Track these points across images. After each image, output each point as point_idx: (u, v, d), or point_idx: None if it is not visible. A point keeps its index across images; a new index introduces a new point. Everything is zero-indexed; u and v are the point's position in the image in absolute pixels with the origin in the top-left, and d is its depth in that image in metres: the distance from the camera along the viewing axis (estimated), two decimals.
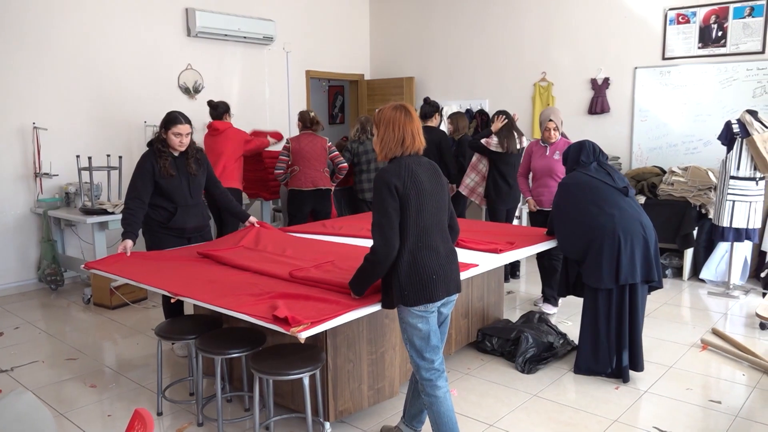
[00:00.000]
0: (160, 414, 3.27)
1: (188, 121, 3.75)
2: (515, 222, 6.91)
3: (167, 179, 3.73)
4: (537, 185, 4.96)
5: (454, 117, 6.38)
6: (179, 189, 3.78)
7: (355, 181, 5.96)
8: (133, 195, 3.69)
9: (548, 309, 4.86)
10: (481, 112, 7.73)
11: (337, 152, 5.57)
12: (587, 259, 3.59)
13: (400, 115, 2.48)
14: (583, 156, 3.78)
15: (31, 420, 1.48)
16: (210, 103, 5.62)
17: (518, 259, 3.70)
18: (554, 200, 3.86)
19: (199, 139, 6.51)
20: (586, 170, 3.73)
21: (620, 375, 3.59)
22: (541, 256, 4.85)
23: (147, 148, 3.85)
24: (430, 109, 5.92)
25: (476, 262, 3.34)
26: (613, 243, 3.49)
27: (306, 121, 5.54)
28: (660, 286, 3.67)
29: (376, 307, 2.62)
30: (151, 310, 5.11)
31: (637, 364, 3.60)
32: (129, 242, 3.57)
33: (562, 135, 4.98)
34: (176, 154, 3.79)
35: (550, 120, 4.78)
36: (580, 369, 3.71)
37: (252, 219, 4.10)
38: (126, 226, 3.64)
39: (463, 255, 3.48)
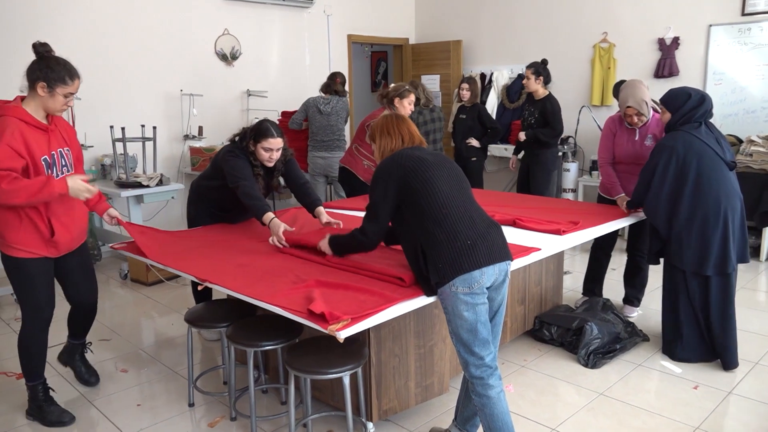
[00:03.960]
0: (191, 405, 3.05)
1: (281, 134, 3.25)
2: (569, 196, 6.47)
3: None
4: (619, 172, 3.94)
5: (472, 82, 5.88)
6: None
7: None
8: (240, 176, 3.17)
9: (630, 312, 4.11)
10: None
11: None
12: (689, 242, 3.24)
13: (390, 120, 2.52)
14: (698, 113, 3.23)
15: None
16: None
17: (584, 241, 3.29)
18: (653, 160, 3.30)
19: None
20: (697, 133, 3.22)
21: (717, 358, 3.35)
22: (597, 247, 4.17)
23: (230, 143, 3.36)
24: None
25: (537, 245, 2.96)
26: (722, 227, 3.19)
27: None
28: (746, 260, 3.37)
29: (426, 300, 2.29)
30: (187, 287, 4.92)
31: (731, 360, 3.30)
32: (275, 220, 3.04)
33: (654, 110, 3.84)
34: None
35: (628, 107, 3.71)
36: (682, 357, 3.40)
37: (323, 215, 3.34)
38: (257, 202, 3.11)
39: (522, 237, 3.12)
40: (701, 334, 3.35)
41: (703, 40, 5.98)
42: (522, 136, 5.32)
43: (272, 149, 3.23)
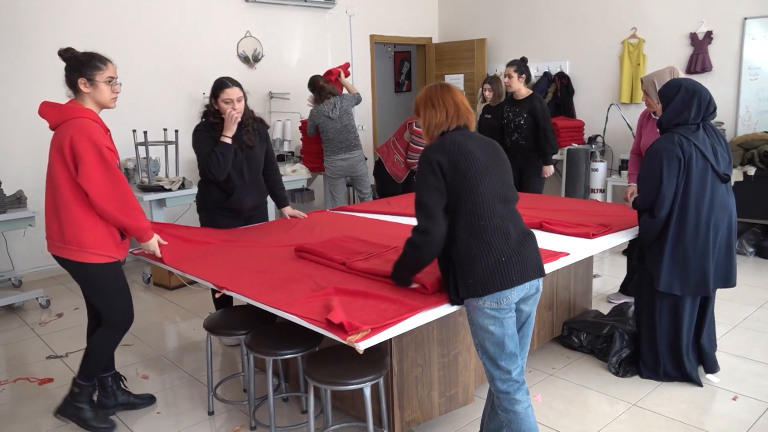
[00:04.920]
0: (211, 413, 3.00)
1: (237, 84, 3.38)
2: (598, 197, 6.30)
3: None
4: None
5: (494, 82, 5.72)
6: (234, 166, 3.42)
7: None
8: (204, 151, 3.37)
9: None
10: (561, 75, 7.05)
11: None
12: (662, 258, 3.00)
13: (436, 90, 2.27)
14: (692, 112, 2.89)
15: None
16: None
17: (614, 245, 3.15)
18: (654, 163, 2.94)
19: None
20: (694, 137, 2.89)
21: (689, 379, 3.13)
22: (631, 247, 4.04)
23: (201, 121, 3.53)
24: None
25: (566, 249, 2.84)
26: (702, 246, 2.94)
27: None
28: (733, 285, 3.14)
29: (449, 309, 2.20)
30: (209, 291, 4.90)
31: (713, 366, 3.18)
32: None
33: None
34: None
35: (642, 80, 3.71)
36: (656, 374, 3.19)
37: (288, 211, 3.77)
38: (223, 148, 3.34)
39: (549, 240, 3.00)
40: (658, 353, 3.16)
41: (738, 34, 5.76)
42: (550, 170, 5.04)
43: (232, 99, 3.33)
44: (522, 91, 4.95)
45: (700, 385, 3.08)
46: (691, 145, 2.89)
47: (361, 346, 1.92)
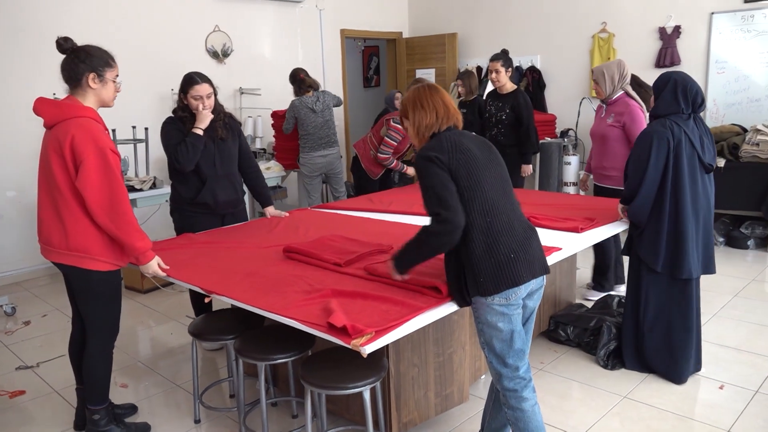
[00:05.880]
0: (197, 422, 2.90)
1: (207, 80, 3.33)
2: (570, 190, 6.35)
3: None
4: (594, 154, 4.18)
5: (465, 77, 5.72)
6: (206, 157, 3.36)
7: None
8: (173, 143, 3.30)
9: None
10: (532, 70, 7.08)
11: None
12: (654, 241, 3.02)
13: (423, 91, 2.22)
14: (683, 101, 2.92)
15: None
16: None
17: (601, 239, 3.15)
18: (643, 147, 2.95)
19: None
20: (685, 125, 2.92)
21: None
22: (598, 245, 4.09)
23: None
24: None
25: (556, 244, 2.83)
26: (691, 233, 2.96)
27: None
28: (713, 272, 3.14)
29: (452, 308, 2.15)
30: (184, 293, 4.75)
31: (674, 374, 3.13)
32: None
33: (625, 92, 3.93)
34: None
35: (593, 71, 3.95)
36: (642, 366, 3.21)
37: (271, 211, 3.66)
38: (195, 138, 3.28)
39: (539, 236, 2.98)
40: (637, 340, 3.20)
41: (705, 29, 5.88)
42: (528, 170, 4.89)
43: (201, 96, 3.29)
44: (508, 85, 4.81)
45: (677, 383, 3.07)
46: (682, 131, 2.93)
47: (367, 349, 1.85)
